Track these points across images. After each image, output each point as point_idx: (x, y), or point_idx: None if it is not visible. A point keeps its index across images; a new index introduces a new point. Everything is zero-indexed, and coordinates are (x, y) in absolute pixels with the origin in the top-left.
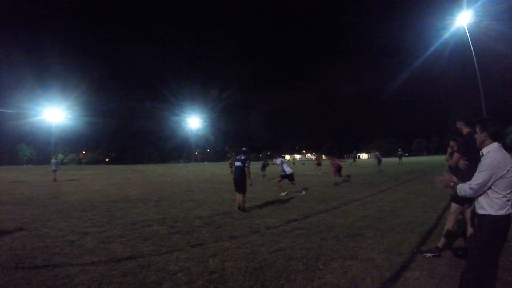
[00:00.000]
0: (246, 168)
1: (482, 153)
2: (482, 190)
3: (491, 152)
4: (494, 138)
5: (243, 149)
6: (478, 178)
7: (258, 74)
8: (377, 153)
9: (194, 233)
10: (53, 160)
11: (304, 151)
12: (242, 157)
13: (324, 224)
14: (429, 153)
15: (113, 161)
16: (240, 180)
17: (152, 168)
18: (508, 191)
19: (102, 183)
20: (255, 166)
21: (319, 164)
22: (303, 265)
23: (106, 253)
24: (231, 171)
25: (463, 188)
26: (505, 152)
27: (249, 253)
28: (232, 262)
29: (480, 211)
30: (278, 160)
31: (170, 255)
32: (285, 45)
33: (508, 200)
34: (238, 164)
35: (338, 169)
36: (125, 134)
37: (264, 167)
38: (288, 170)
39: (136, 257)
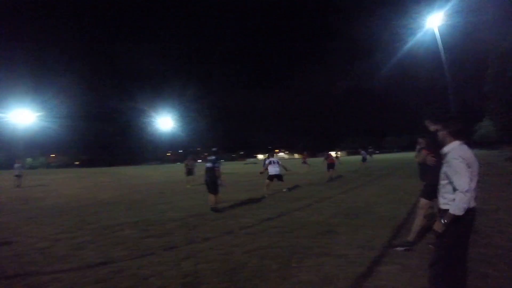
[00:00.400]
0: (216, 169)
1: (444, 151)
2: (471, 186)
3: (453, 151)
4: (455, 136)
5: (213, 149)
6: (462, 181)
7: (232, 74)
8: (363, 151)
9: (167, 236)
10: (16, 165)
11: (277, 151)
12: (213, 157)
13: (298, 222)
14: (400, 150)
15: (84, 164)
16: (211, 181)
17: (124, 171)
18: (472, 187)
19: (73, 187)
20: (231, 166)
21: (304, 162)
22: (277, 264)
23: (78, 260)
24: (186, 172)
25: (459, 200)
26: (467, 149)
27: (222, 254)
28: (206, 264)
29: (445, 206)
30: (267, 161)
31: (142, 260)
32: (259, 45)
33: (471, 195)
34: (208, 164)
35: (332, 166)
36: (95, 135)
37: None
38: (272, 171)
39: (108, 263)
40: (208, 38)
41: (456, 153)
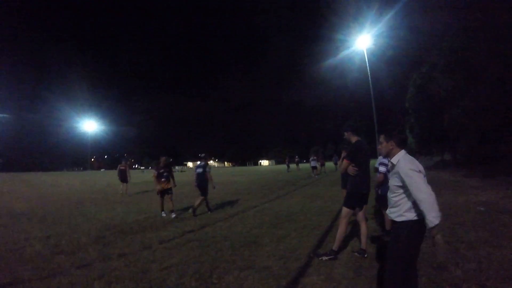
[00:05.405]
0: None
1: (392, 162)
2: (430, 191)
3: (402, 160)
4: (401, 146)
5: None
6: (419, 189)
7: (160, 78)
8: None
9: (80, 253)
10: None
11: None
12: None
13: (221, 234)
14: (324, 159)
15: (0, 169)
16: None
17: (42, 178)
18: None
19: None
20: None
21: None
22: (196, 280)
23: None
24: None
25: (429, 210)
26: (411, 157)
27: (138, 272)
28: (120, 284)
29: (399, 218)
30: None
31: (52, 280)
32: (189, 51)
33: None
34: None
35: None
36: (13, 136)
37: None
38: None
39: (16, 284)
40: (139, 41)
41: (408, 164)
